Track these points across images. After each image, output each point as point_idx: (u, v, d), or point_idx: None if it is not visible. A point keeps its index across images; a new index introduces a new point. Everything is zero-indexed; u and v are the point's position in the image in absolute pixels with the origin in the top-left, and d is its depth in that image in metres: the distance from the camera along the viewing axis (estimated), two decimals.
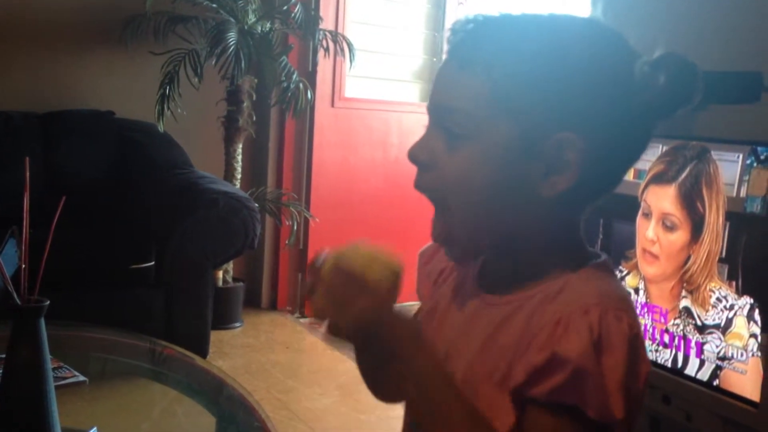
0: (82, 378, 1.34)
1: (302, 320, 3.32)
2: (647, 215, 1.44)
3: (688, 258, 1.36)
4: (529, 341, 0.65)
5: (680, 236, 1.37)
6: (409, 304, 0.84)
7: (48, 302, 1.03)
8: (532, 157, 0.66)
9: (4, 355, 1.03)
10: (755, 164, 1.25)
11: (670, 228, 1.39)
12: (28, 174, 1.06)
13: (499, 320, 0.70)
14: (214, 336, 2.65)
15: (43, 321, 1.03)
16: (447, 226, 0.70)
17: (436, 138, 0.69)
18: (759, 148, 1.25)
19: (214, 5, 2.87)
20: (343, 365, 2.79)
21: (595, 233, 1.51)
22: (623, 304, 0.66)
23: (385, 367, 0.71)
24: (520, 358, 0.65)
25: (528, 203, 0.68)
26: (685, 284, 1.37)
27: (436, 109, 0.70)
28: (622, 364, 0.62)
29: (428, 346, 0.68)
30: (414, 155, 0.70)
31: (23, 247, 1.05)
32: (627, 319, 0.64)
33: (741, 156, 1.27)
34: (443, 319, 0.77)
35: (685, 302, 1.37)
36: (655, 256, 1.42)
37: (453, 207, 0.69)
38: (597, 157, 0.67)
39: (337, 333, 0.68)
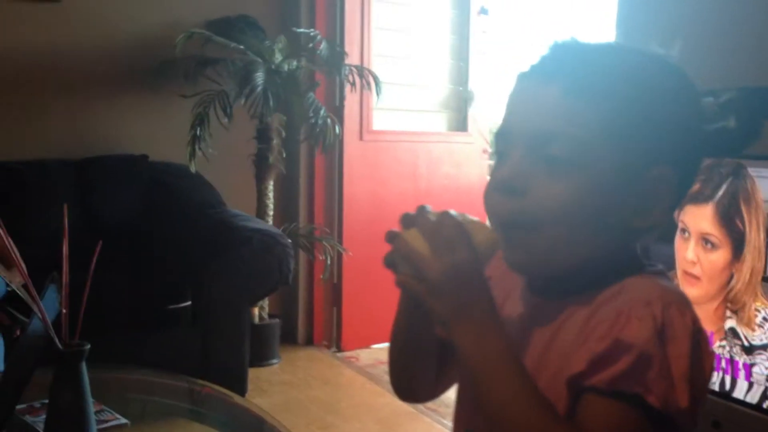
0: (123, 420, 1.34)
1: (339, 355, 3.31)
2: (686, 236, 1.42)
3: (731, 277, 1.33)
4: (588, 334, 0.65)
5: (721, 255, 1.34)
6: None
7: (89, 346, 1.04)
8: (632, 189, 0.67)
9: (47, 400, 1.05)
10: None
11: (710, 248, 1.36)
12: (66, 220, 1.09)
13: (558, 324, 0.69)
14: (252, 373, 2.65)
15: (84, 365, 1.04)
16: (531, 250, 0.69)
17: (530, 164, 0.68)
18: None
19: (242, 47, 2.93)
20: (383, 399, 2.76)
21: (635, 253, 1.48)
22: (685, 300, 0.67)
23: (427, 350, 0.73)
24: (579, 349, 0.64)
25: (620, 231, 0.69)
26: (729, 304, 1.33)
27: (532, 132, 0.68)
28: (686, 354, 0.62)
29: (501, 319, 0.67)
30: (509, 181, 0.68)
31: (63, 293, 1.07)
32: (690, 314, 0.64)
33: None
34: None
35: (730, 323, 1.34)
36: (697, 278, 1.39)
37: (546, 233, 0.68)
38: (683, 188, 0.70)
39: (407, 282, 0.67)
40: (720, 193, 1.34)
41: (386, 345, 0.87)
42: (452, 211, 0.67)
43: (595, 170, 0.66)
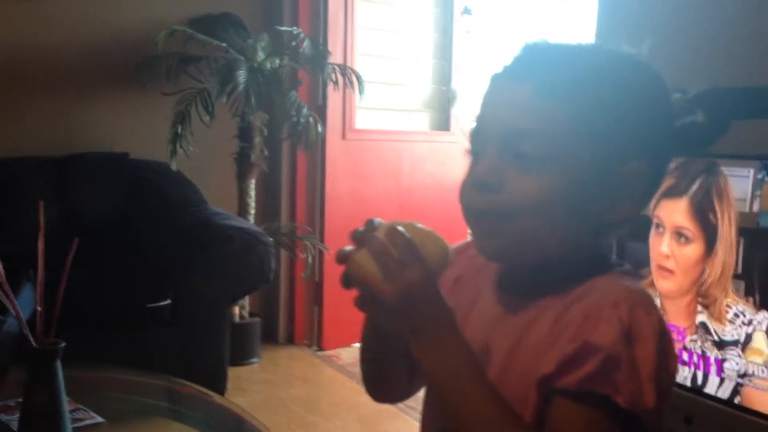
0: (99, 419, 1.34)
1: (320, 353, 3.31)
2: (660, 231, 1.43)
3: (704, 272, 1.34)
4: (557, 336, 0.66)
5: (695, 249, 1.36)
6: None
7: (64, 344, 1.04)
8: (604, 183, 0.68)
9: (21, 399, 1.04)
10: (766, 178, 1.24)
11: (684, 241, 1.38)
12: (42, 217, 1.08)
13: (527, 322, 0.70)
14: (232, 372, 2.65)
15: (59, 363, 1.04)
16: (503, 237, 0.70)
17: (503, 161, 0.69)
18: None
19: (224, 45, 2.92)
20: (364, 397, 2.75)
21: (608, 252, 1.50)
22: (651, 301, 0.69)
23: (396, 353, 0.73)
24: (548, 350, 0.65)
25: (591, 225, 0.70)
26: (701, 298, 1.35)
27: (505, 131, 0.69)
28: (652, 355, 0.63)
29: (461, 332, 0.67)
30: (483, 178, 0.69)
31: (38, 291, 1.06)
32: (656, 314, 0.66)
33: (752, 171, 1.27)
34: (464, 324, 0.77)
35: (701, 317, 1.36)
36: (671, 271, 1.41)
37: (520, 227, 0.68)
38: (653, 184, 0.72)
39: (364, 304, 0.67)
40: (694, 187, 1.36)
41: None
42: (399, 226, 0.67)
43: (567, 166, 0.67)
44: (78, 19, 2.99)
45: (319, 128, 3.01)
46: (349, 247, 0.69)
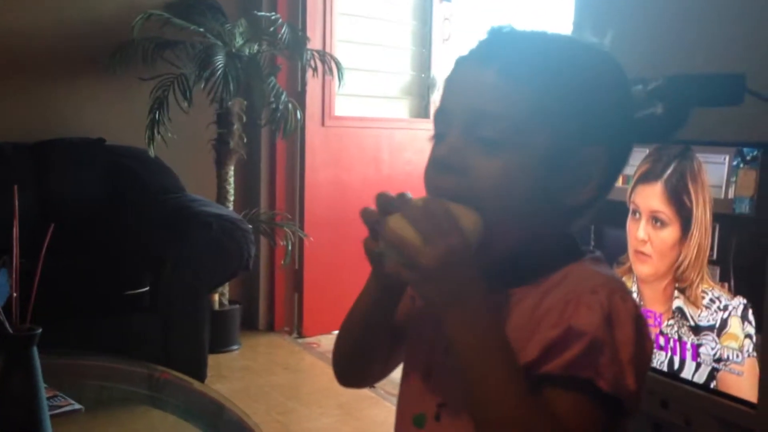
0: (77, 406, 1.33)
1: (300, 340, 3.31)
2: (636, 217, 1.45)
3: (680, 255, 1.36)
4: (537, 323, 0.67)
5: (671, 233, 1.38)
6: None
7: (40, 330, 1.03)
8: (563, 167, 0.69)
9: None
10: (742, 165, 1.26)
11: (660, 226, 1.39)
12: (16, 202, 1.07)
13: (506, 311, 0.71)
14: (212, 360, 2.64)
15: (35, 349, 1.03)
16: None
17: (467, 142, 0.69)
18: (745, 149, 1.26)
19: (201, 30, 2.89)
20: None
21: (586, 240, 1.52)
22: (626, 287, 0.71)
23: (384, 328, 0.75)
24: (530, 338, 0.66)
25: (553, 210, 0.71)
26: (677, 283, 1.37)
27: (468, 112, 0.69)
28: (631, 338, 0.65)
29: (492, 304, 0.67)
30: (446, 159, 0.69)
31: (14, 276, 1.05)
32: (631, 300, 0.68)
33: (727, 157, 1.28)
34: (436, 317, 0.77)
35: (677, 302, 1.38)
36: (648, 255, 1.42)
37: (488, 207, 0.68)
38: (612, 170, 0.73)
39: (403, 271, 0.65)
40: (668, 171, 1.38)
41: None
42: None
43: (528, 149, 0.68)
44: (53, 3, 2.94)
45: (299, 115, 2.99)
46: (370, 208, 0.70)
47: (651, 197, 1.40)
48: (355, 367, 0.85)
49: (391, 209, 0.68)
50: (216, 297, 3.06)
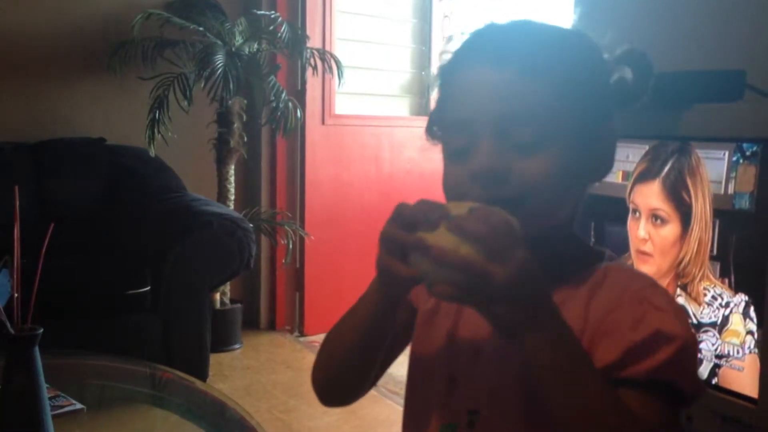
0: (79, 406, 1.33)
1: (302, 339, 3.31)
2: (637, 216, 1.45)
3: (681, 251, 1.36)
4: (599, 323, 0.66)
5: (671, 230, 1.37)
6: None
7: (41, 330, 1.03)
8: (590, 148, 0.70)
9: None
10: (741, 161, 1.26)
11: (660, 223, 1.39)
12: (17, 203, 1.07)
13: None
14: (214, 359, 2.64)
15: (37, 349, 1.03)
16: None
17: (503, 149, 0.68)
18: (744, 145, 1.25)
19: (201, 29, 2.89)
20: None
21: (586, 238, 1.51)
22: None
23: (383, 344, 0.72)
24: (601, 340, 0.65)
25: (581, 197, 0.72)
26: (679, 280, 1.37)
27: (498, 120, 0.68)
28: (694, 336, 0.66)
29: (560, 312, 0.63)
30: (488, 171, 0.67)
31: (15, 276, 1.05)
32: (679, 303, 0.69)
33: (727, 153, 1.28)
34: (458, 317, 0.76)
35: (680, 300, 1.37)
36: (649, 254, 1.42)
37: (531, 210, 0.67)
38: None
39: (461, 293, 0.59)
40: (666, 168, 1.37)
41: None
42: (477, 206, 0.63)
43: (560, 142, 0.68)
44: (53, 3, 2.94)
45: (299, 113, 2.99)
46: (395, 227, 0.63)
47: (650, 196, 1.40)
48: (344, 386, 0.81)
49: (424, 225, 0.61)
50: (217, 296, 3.06)
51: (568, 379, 0.62)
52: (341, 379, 0.80)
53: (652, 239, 1.40)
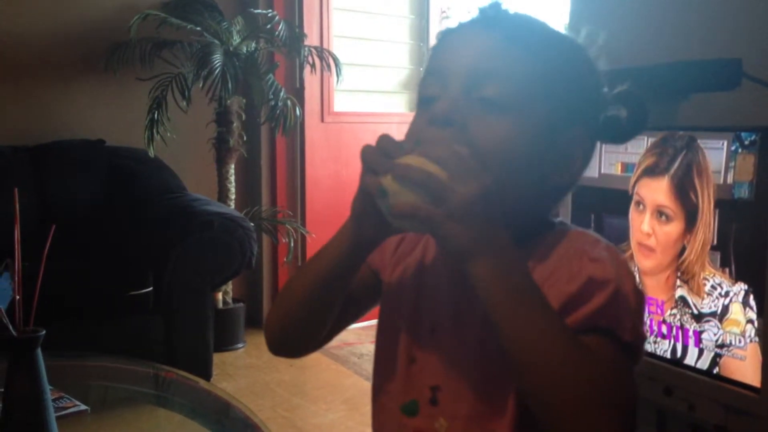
0: (83, 407, 1.33)
1: None
2: (641, 209, 1.44)
3: (683, 249, 1.36)
4: (544, 281, 0.65)
5: (675, 227, 1.37)
6: None
7: (44, 332, 1.03)
8: (554, 143, 0.69)
9: (2, 389, 1.03)
10: (740, 150, 1.26)
11: (665, 220, 1.39)
12: (17, 205, 1.07)
13: None
14: (217, 358, 2.65)
15: (39, 351, 1.03)
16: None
17: (468, 101, 0.67)
18: (743, 134, 1.25)
19: (198, 28, 2.89)
20: (348, 380, 2.78)
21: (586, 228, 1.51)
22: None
23: (346, 283, 0.72)
24: (546, 293, 0.64)
25: (542, 185, 0.70)
26: (680, 274, 1.37)
27: (470, 72, 0.67)
28: (636, 288, 0.65)
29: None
30: (446, 113, 0.66)
31: (17, 279, 1.05)
32: (621, 253, 0.69)
33: (726, 143, 1.28)
34: (419, 292, 0.76)
35: (680, 291, 1.37)
36: (652, 249, 1.42)
37: (493, 172, 0.65)
38: (586, 159, 0.73)
39: (426, 209, 0.59)
40: (675, 166, 1.37)
41: (352, 326, 0.85)
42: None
43: (528, 117, 0.67)
44: (50, 5, 2.94)
45: (298, 111, 2.99)
46: (372, 146, 0.65)
47: (657, 192, 1.40)
48: (298, 330, 0.79)
49: (400, 153, 0.63)
50: (220, 295, 3.07)
51: (523, 305, 0.60)
52: (294, 326, 0.78)
53: (656, 235, 1.40)
